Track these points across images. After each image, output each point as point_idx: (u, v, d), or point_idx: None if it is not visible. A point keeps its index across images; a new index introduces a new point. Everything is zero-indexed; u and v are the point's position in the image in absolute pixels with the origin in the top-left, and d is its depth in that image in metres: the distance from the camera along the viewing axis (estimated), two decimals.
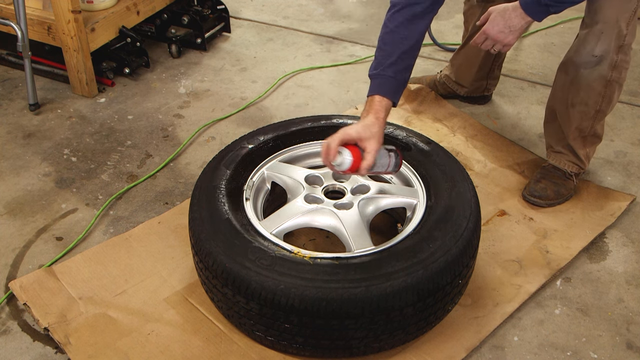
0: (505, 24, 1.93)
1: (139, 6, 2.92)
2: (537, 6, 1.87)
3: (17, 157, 2.48)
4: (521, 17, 1.91)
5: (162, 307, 1.84)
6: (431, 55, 3.16)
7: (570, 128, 2.17)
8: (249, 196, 1.87)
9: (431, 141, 2.03)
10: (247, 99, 2.84)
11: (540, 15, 1.90)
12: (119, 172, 2.41)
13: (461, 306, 1.84)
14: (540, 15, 1.90)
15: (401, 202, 1.88)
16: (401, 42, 1.81)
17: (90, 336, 1.75)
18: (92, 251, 2.02)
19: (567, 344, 1.80)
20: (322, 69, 3.06)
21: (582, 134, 2.18)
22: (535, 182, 2.24)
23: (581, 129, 2.16)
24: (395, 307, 1.57)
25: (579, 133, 2.17)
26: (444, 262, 1.61)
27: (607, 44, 1.98)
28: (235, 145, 2.01)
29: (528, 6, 1.89)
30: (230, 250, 1.63)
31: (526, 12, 1.90)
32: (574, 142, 2.19)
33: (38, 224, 2.18)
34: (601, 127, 2.19)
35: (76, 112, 2.74)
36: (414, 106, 2.70)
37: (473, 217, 1.75)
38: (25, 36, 2.60)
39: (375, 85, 1.80)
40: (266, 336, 1.65)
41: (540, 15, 1.90)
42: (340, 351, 1.64)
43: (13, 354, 1.76)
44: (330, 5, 3.66)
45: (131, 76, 2.94)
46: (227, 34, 3.31)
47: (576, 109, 2.11)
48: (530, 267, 1.98)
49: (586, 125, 2.14)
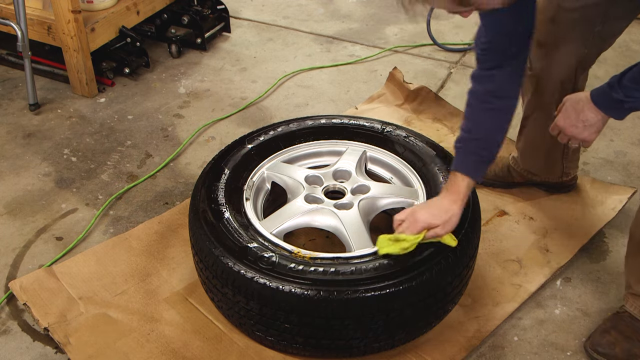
0: (577, 117, 1.63)
1: (139, 6, 2.92)
2: (609, 101, 1.55)
3: (17, 157, 2.48)
4: (595, 112, 1.60)
5: (162, 307, 1.84)
6: (431, 55, 3.16)
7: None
8: (249, 196, 1.87)
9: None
10: (247, 99, 2.84)
11: (615, 112, 1.57)
12: (119, 172, 2.41)
13: (461, 306, 1.84)
14: (615, 112, 1.57)
15: (401, 202, 1.88)
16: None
17: (90, 336, 1.75)
18: (92, 251, 2.02)
19: (567, 344, 1.80)
20: (322, 69, 3.06)
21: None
22: (602, 333, 1.76)
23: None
24: (395, 307, 1.57)
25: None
26: (444, 262, 1.61)
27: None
28: (235, 145, 2.01)
29: (599, 99, 1.58)
30: (230, 250, 1.63)
31: (598, 107, 1.59)
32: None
33: (38, 224, 2.18)
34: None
35: (76, 112, 2.74)
36: (414, 106, 2.70)
37: (473, 217, 1.74)
38: (25, 36, 2.60)
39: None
40: (266, 336, 1.65)
41: (615, 112, 1.57)
42: (340, 351, 1.64)
43: (13, 354, 1.76)
44: (330, 5, 3.66)
45: (131, 76, 2.94)
46: (227, 34, 3.31)
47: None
48: (530, 266, 1.98)
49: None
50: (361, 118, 2.12)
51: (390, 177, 2.01)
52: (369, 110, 2.67)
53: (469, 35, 3.31)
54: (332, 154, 2.05)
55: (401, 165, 1.97)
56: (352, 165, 1.96)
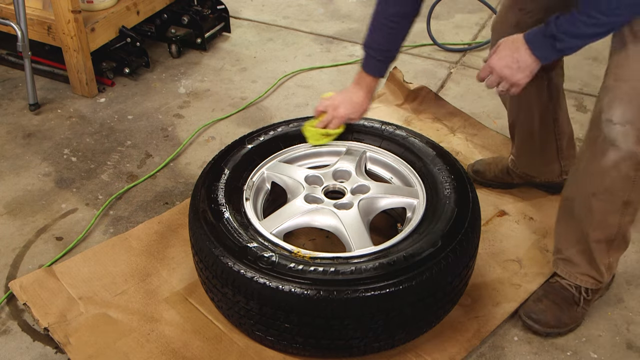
0: (512, 57, 1.61)
1: (139, 6, 2.92)
2: (541, 39, 1.56)
3: (17, 157, 2.49)
4: (528, 52, 1.58)
5: (162, 307, 1.84)
6: (431, 55, 3.16)
7: (590, 225, 1.70)
8: (249, 196, 1.87)
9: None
10: (247, 99, 2.84)
11: (546, 51, 1.57)
12: (119, 172, 2.41)
13: (461, 306, 1.84)
14: (546, 51, 1.57)
15: (401, 202, 1.88)
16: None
17: (90, 336, 1.75)
18: (92, 251, 2.02)
19: (567, 344, 1.80)
20: (322, 69, 3.06)
21: (606, 236, 1.71)
22: (536, 301, 1.84)
23: (605, 226, 1.69)
24: (395, 307, 1.57)
25: (603, 233, 1.71)
26: (444, 262, 1.61)
27: (632, 110, 1.53)
28: (235, 145, 2.01)
29: (531, 38, 1.58)
30: (230, 250, 1.63)
31: (529, 45, 1.58)
32: (596, 246, 1.73)
33: (38, 224, 2.18)
34: (631, 229, 1.73)
35: (76, 112, 2.74)
36: (414, 106, 2.70)
37: (473, 217, 1.74)
38: (25, 36, 2.60)
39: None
40: (266, 336, 1.65)
41: (546, 51, 1.57)
42: (340, 351, 1.64)
43: (13, 354, 1.76)
44: (330, 5, 3.66)
45: (131, 76, 2.94)
46: (227, 34, 3.31)
47: (599, 199, 1.65)
48: (530, 266, 1.98)
49: (612, 222, 1.68)
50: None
51: (390, 177, 2.01)
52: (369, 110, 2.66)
53: (469, 36, 3.31)
54: (331, 154, 2.05)
55: (401, 165, 1.97)
56: (351, 165, 1.96)
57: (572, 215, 1.74)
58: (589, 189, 1.66)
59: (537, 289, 1.89)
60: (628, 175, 1.59)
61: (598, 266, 1.77)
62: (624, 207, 1.65)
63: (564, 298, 1.82)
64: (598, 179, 1.63)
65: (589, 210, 1.68)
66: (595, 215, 1.68)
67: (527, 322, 1.81)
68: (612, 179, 1.61)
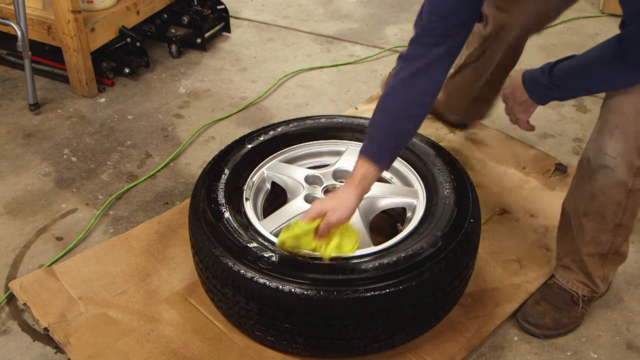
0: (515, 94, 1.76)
1: (139, 6, 2.92)
2: (535, 84, 1.67)
3: (17, 157, 2.49)
4: (522, 91, 1.72)
5: (162, 307, 1.84)
6: None
7: (582, 241, 1.73)
8: (249, 196, 1.87)
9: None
10: (247, 99, 2.84)
11: (538, 96, 1.70)
12: (119, 172, 2.41)
13: (461, 306, 1.84)
14: (538, 96, 1.70)
15: (401, 202, 1.88)
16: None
17: (90, 336, 1.75)
18: (92, 251, 2.02)
19: (567, 344, 1.80)
20: (322, 69, 3.06)
21: (599, 251, 1.73)
22: (534, 304, 1.83)
23: (597, 242, 1.71)
24: (395, 307, 1.57)
25: (595, 249, 1.72)
26: (444, 262, 1.61)
27: (623, 142, 1.53)
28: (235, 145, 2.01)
29: (527, 80, 1.70)
30: (230, 250, 1.63)
31: (524, 86, 1.71)
32: (589, 260, 1.75)
33: (38, 224, 2.18)
34: (626, 245, 1.74)
35: (76, 112, 2.74)
36: None
37: (473, 216, 1.74)
38: (25, 36, 2.60)
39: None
40: (266, 336, 1.65)
41: (538, 96, 1.70)
42: (340, 351, 1.64)
43: (13, 354, 1.76)
44: (330, 5, 3.66)
45: (131, 76, 2.94)
46: (227, 34, 3.31)
47: (590, 219, 1.68)
48: (531, 266, 1.98)
49: (604, 240, 1.70)
50: (361, 118, 2.12)
51: (390, 177, 2.01)
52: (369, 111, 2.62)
53: None
54: (332, 154, 2.05)
55: (401, 165, 1.97)
56: (352, 165, 1.95)
57: (569, 227, 1.76)
58: (581, 209, 1.68)
59: (535, 291, 1.89)
60: (619, 201, 1.61)
61: (592, 278, 1.78)
62: (616, 229, 1.67)
63: (563, 299, 1.82)
64: (589, 201, 1.65)
65: (581, 227, 1.71)
66: (587, 232, 1.70)
67: (524, 326, 1.81)
68: (601, 204, 1.63)
